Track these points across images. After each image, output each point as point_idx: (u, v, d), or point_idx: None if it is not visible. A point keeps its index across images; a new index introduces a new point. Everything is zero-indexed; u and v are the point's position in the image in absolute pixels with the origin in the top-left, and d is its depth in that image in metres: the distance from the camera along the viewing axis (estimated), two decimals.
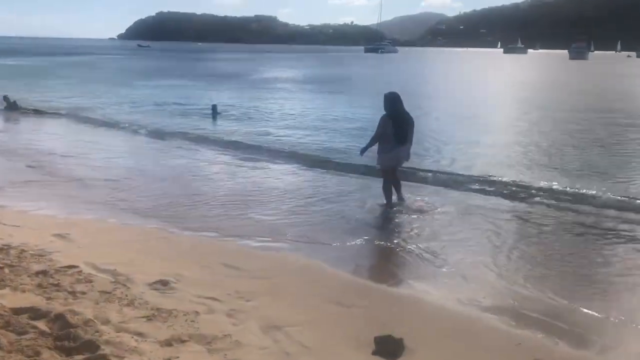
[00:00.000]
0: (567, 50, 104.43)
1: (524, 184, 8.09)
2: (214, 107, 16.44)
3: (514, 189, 7.88)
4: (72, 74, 33.89)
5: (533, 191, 7.72)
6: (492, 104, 20.93)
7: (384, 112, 6.79)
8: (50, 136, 12.83)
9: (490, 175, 8.56)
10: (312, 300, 4.21)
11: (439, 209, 6.90)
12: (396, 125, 6.70)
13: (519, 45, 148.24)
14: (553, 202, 7.27)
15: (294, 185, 8.23)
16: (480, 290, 4.58)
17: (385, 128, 6.70)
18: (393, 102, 6.76)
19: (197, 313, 3.72)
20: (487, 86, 31.35)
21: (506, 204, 7.28)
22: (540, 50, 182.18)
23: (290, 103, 20.20)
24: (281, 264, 5.08)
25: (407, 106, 6.96)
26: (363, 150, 6.94)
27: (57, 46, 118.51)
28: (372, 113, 15.78)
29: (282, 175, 8.92)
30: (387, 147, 6.79)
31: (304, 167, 9.53)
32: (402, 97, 6.86)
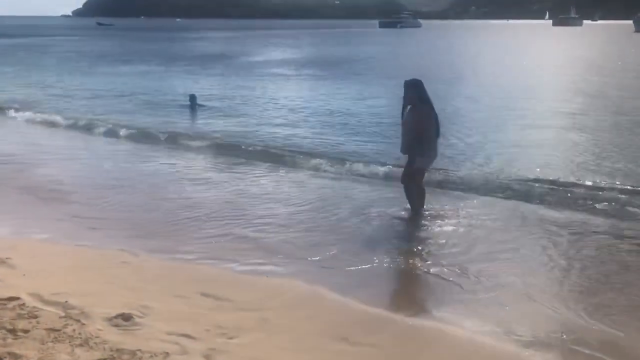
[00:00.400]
0: (631, 21, 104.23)
1: (582, 189, 8.07)
2: (192, 98, 16.53)
3: (569, 195, 7.85)
4: (14, 61, 34.12)
5: (593, 198, 7.68)
6: (538, 91, 20.90)
7: (412, 103, 6.94)
8: None
9: (538, 179, 8.55)
10: (311, 337, 4.22)
11: (472, 221, 6.90)
12: (437, 118, 6.95)
13: (573, 15, 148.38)
14: (618, 211, 7.25)
15: (291, 193, 8.24)
16: (521, 320, 4.57)
17: (432, 123, 6.89)
18: (421, 90, 6.94)
19: (167, 354, 3.72)
20: (531, 68, 31.29)
21: (557, 214, 7.25)
22: (600, 22, 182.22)
23: (287, 92, 20.27)
24: (274, 291, 5.09)
25: (433, 93, 7.14)
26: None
27: None
28: (387, 104, 15.89)
29: (277, 182, 8.95)
30: (428, 145, 6.93)
31: (304, 172, 9.56)
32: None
